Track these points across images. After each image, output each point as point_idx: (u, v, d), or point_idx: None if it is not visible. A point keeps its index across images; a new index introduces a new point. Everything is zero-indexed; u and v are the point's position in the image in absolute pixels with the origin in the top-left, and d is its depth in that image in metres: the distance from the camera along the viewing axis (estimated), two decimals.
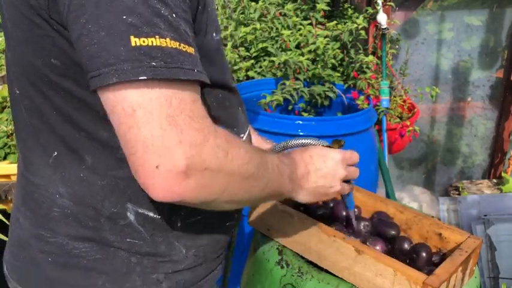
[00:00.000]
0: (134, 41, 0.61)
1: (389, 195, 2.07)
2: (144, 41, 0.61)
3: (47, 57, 0.72)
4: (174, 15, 0.65)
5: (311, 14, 2.19)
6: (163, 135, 0.61)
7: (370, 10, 2.18)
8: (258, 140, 1.11)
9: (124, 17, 0.61)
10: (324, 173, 0.90)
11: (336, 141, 0.98)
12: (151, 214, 0.81)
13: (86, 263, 0.81)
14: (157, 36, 0.62)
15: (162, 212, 0.82)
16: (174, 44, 0.63)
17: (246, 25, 2.30)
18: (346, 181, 0.97)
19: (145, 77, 0.61)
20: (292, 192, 0.88)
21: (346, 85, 2.07)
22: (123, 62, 0.61)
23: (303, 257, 1.06)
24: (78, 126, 0.76)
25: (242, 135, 0.95)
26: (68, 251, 0.81)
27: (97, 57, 0.61)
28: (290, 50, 2.08)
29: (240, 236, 1.69)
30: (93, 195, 0.79)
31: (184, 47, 0.65)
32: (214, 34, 0.81)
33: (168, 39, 0.63)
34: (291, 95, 1.92)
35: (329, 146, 0.95)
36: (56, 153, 0.79)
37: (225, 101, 0.88)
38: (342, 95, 2.01)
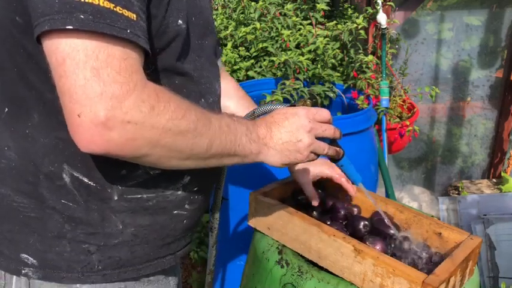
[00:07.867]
0: None
1: (389, 195, 2.07)
2: None
3: (13, 14, 0.76)
4: None
5: (311, 13, 2.19)
6: (86, 86, 0.65)
7: (370, 10, 2.18)
8: None
9: None
10: (288, 127, 0.88)
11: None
12: (86, 180, 0.83)
13: (22, 218, 0.85)
14: None
15: (97, 180, 0.84)
16: (108, 5, 0.67)
17: (246, 25, 2.30)
18: (331, 143, 0.93)
19: (71, 27, 0.65)
20: (259, 154, 0.86)
21: (346, 85, 2.07)
22: (56, 13, 0.65)
23: (302, 257, 1.06)
24: (30, 85, 0.79)
25: None
26: (9, 203, 0.85)
27: (37, 8, 0.67)
28: (290, 49, 2.08)
29: (239, 236, 1.70)
30: (35, 151, 0.82)
31: (120, 10, 0.68)
32: (179, 21, 0.82)
33: (102, 0, 0.67)
34: (291, 95, 1.92)
35: (293, 105, 0.93)
36: (7, 109, 0.83)
37: (181, 88, 0.87)
38: (342, 94, 2.01)
